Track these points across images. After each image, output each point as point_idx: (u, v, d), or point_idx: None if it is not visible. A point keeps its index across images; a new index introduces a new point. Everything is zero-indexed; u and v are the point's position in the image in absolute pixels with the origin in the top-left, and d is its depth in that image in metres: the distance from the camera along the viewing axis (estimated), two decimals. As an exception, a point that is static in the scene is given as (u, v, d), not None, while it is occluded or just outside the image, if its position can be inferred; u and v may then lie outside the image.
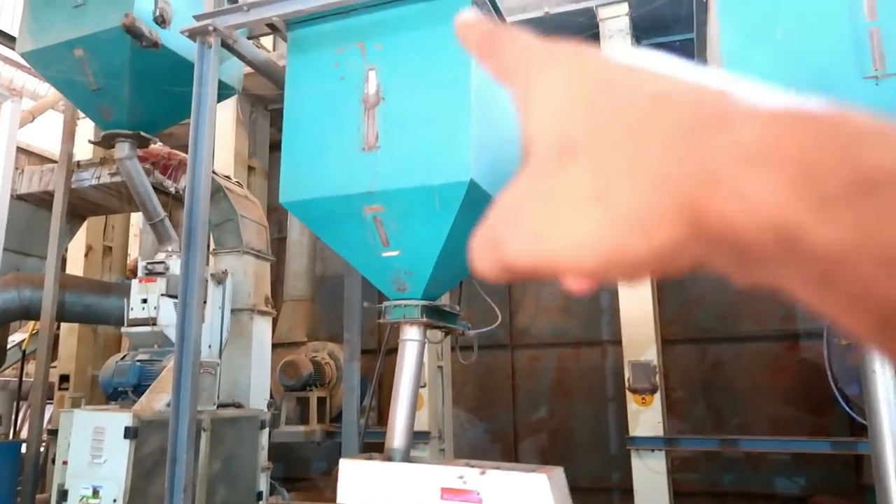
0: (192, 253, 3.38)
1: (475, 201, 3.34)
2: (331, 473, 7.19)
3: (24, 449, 5.40)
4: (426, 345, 3.67)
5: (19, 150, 12.07)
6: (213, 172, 5.51)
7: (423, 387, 6.64)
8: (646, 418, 5.92)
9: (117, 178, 6.04)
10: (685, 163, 0.28)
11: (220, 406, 4.45)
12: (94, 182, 6.37)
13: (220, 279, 4.97)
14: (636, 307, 6.36)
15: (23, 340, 8.14)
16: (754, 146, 0.27)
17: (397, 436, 3.32)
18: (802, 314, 7.47)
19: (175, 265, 4.53)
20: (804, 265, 0.26)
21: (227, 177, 6.25)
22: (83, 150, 8.04)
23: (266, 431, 4.75)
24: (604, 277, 0.31)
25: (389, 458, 3.25)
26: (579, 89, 0.32)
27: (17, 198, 6.63)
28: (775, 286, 0.28)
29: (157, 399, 3.88)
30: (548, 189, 0.31)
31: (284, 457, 8.81)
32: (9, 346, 7.59)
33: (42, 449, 6.38)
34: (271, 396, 5.32)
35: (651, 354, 6.13)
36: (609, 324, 8.32)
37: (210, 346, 4.69)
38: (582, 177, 0.30)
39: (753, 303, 7.83)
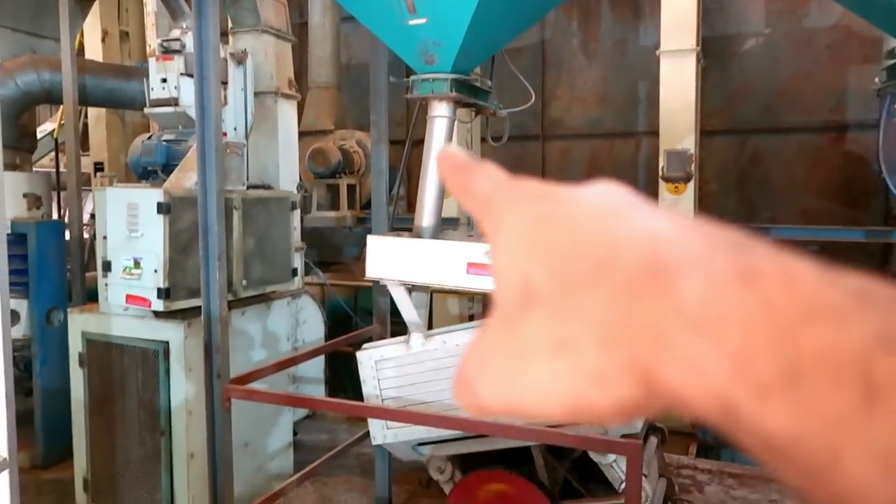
0: (204, 19, 3.15)
1: (511, -41, 2.99)
2: (361, 257, 7.47)
3: (67, 235, 5.62)
4: (455, 127, 3.52)
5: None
6: (224, -60, 5.03)
7: (452, 175, 6.60)
8: (677, 207, 5.87)
9: (122, -50, 5.58)
10: (634, 321, 0.27)
11: (250, 187, 4.47)
12: (98, -46, 5.90)
13: (239, 59, 4.74)
14: (677, 96, 6.04)
15: (53, 130, 8.17)
16: (696, 310, 0.26)
17: (426, 214, 3.30)
18: (856, 104, 7.07)
19: (192, 42, 4.30)
20: (752, 443, 0.26)
21: (240, -52, 5.74)
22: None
23: (297, 213, 4.82)
24: (573, 421, 0.32)
25: (418, 236, 3.26)
26: (541, 235, 0.32)
27: (21, -27, 6.22)
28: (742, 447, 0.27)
29: (186, 178, 3.89)
30: (512, 336, 0.32)
31: (318, 243, 9.14)
32: (40, 136, 7.63)
33: (87, 235, 6.65)
34: (301, 181, 5.34)
35: (689, 144, 5.93)
36: (646, 114, 8.01)
37: (235, 129, 4.60)
38: (542, 325, 0.30)
39: (804, 92, 7.40)
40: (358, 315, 6.31)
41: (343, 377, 5.93)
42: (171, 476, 3.94)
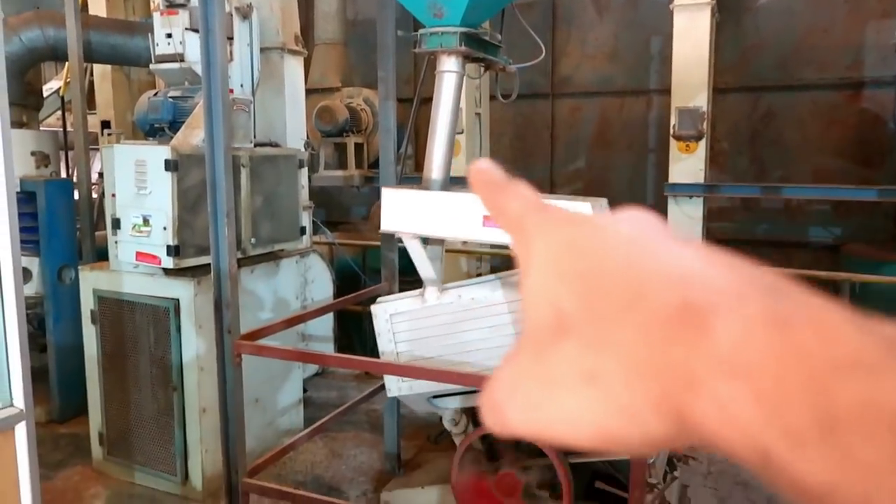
0: (209, -30, 3.08)
1: None
2: (369, 217, 7.45)
3: (77, 195, 5.63)
4: (464, 83, 3.46)
5: None
6: None
7: (461, 133, 6.54)
8: (687, 166, 5.81)
9: None
10: (667, 360, 0.28)
11: (258, 145, 4.44)
12: None
13: (245, 13, 4.66)
14: (690, 51, 5.92)
15: (59, 88, 8.11)
16: (730, 354, 0.26)
17: (435, 167, 3.28)
18: (874, 60, 6.92)
19: (196, -4, 4.22)
20: (786, 487, 0.26)
21: None
22: None
23: (305, 171, 4.79)
24: (600, 450, 0.31)
25: (427, 188, 3.24)
26: (571, 263, 0.32)
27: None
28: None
29: (194, 135, 3.86)
30: (542, 364, 0.32)
31: (326, 203, 9.13)
32: (46, 95, 7.58)
33: (96, 195, 6.66)
34: (308, 139, 5.29)
35: (701, 101, 5.83)
36: (657, 72, 7.86)
37: (242, 86, 4.55)
38: (573, 356, 0.31)
39: (820, 48, 7.23)
40: (366, 274, 6.33)
41: (352, 335, 5.98)
42: (184, 430, 4.01)
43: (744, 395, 0.26)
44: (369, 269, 6.45)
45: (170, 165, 3.66)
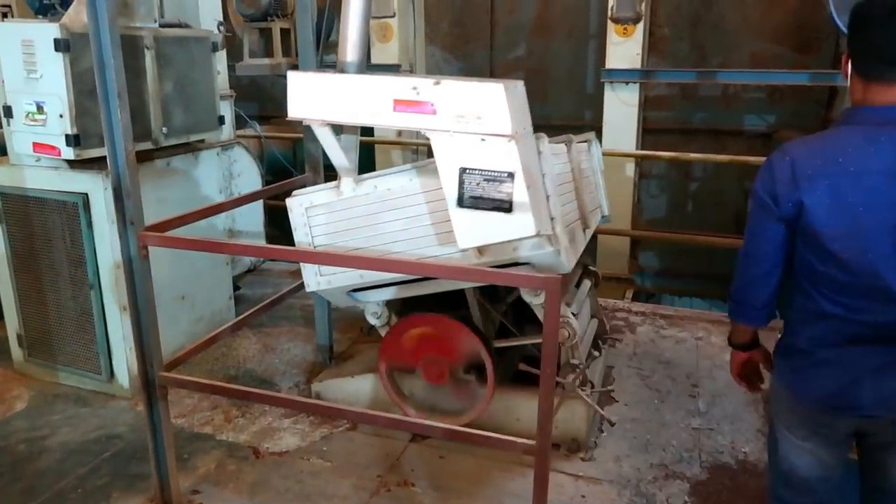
0: None
1: None
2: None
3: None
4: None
5: None
6: None
7: (393, 17, 6.19)
8: (625, 49, 5.66)
9: None
10: None
11: (164, 26, 4.08)
12: None
13: None
14: (631, -73, 5.62)
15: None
16: None
17: (350, 48, 3.06)
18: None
19: None
20: None
21: None
22: None
23: (221, 55, 4.46)
24: None
25: (342, 71, 3.05)
26: None
27: None
28: None
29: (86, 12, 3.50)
30: None
31: (257, 96, 8.72)
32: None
33: None
34: (225, 19, 4.90)
35: (640, -19, 5.61)
36: (599, -49, 7.51)
37: (143, -42, 4.12)
38: None
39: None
40: (297, 168, 6.11)
41: (285, 231, 5.85)
42: (105, 329, 3.90)
43: None
44: (300, 163, 6.22)
45: (60, 45, 3.34)
